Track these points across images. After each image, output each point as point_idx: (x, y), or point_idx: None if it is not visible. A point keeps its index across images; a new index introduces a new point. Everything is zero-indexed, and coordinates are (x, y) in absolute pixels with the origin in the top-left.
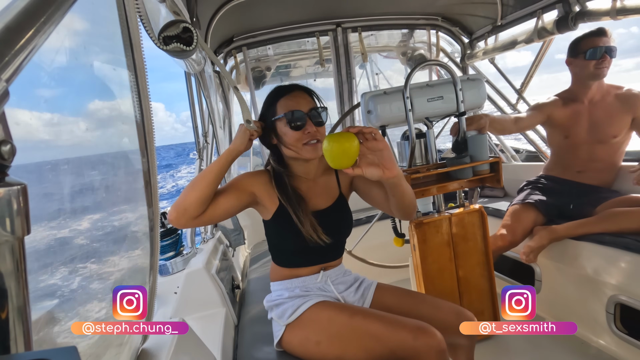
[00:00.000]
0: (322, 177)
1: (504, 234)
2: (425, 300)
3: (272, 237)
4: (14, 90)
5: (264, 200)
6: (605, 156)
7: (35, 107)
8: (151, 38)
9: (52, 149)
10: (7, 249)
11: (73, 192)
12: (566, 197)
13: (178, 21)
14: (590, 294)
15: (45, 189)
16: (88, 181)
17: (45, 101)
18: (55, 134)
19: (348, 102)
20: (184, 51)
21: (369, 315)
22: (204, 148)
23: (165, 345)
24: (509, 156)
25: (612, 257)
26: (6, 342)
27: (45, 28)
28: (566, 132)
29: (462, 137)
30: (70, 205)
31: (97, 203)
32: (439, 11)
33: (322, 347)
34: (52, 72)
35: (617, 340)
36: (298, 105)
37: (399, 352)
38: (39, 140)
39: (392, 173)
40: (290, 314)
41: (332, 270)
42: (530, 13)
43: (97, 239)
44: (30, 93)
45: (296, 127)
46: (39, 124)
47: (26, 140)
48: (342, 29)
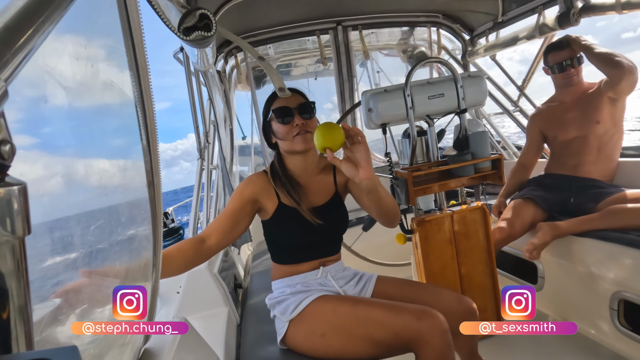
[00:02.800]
0: (320, 175)
1: (502, 227)
2: (426, 288)
3: (271, 235)
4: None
5: (264, 202)
6: (596, 145)
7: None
8: (172, 31)
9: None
10: (7, 248)
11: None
12: (566, 192)
13: (193, 9)
14: (593, 290)
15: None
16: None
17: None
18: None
19: (349, 100)
20: (206, 38)
21: (371, 303)
22: (205, 148)
23: (168, 345)
24: (511, 153)
25: (615, 253)
26: (8, 341)
27: (44, 27)
28: (554, 133)
29: (464, 134)
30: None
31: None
32: (440, 8)
33: (327, 339)
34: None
35: (621, 336)
36: (287, 103)
37: (403, 334)
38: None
39: (366, 174)
40: (293, 310)
41: (331, 265)
42: (531, 9)
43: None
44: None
45: (285, 122)
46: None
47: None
48: (342, 27)
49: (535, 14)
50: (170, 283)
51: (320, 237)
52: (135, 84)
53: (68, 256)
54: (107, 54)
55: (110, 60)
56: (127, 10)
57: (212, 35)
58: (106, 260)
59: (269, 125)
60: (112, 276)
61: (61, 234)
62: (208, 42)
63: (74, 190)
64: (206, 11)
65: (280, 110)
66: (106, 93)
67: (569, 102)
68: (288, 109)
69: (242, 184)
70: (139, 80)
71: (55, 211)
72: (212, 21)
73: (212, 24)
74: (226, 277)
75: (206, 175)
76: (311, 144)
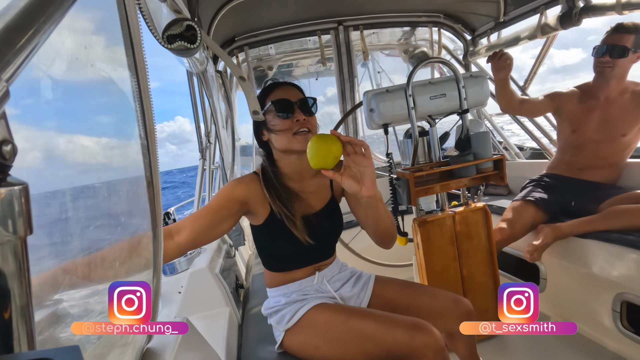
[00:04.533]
0: (315, 179)
1: (502, 228)
2: (424, 290)
3: (262, 242)
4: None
5: (255, 208)
6: (610, 155)
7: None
8: (155, 37)
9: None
10: (9, 249)
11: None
12: (568, 194)
13: (181, 19)
14: (595, 292)
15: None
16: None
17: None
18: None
19: (350, 100)
20: (188, 49)
21: (365, 317)
22: (206, 148)
23: (170, 345)
24: (513, 154)
25: (617, 254)
26: (9, 341)
27: (46, 28)
28: (574, 127)
29: (466, 134)
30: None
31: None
32: (441, 8)
33: (321, 351)
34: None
35: (623, 338)
36: (286, 95)
37: (396, 352)
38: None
39: (368, 192)
40: (288, 320)
41: (327, 269)
42: (533, 9)
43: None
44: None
45: (285, 116)
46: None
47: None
48: (343, 27)
49: (537, 14)
50: (172, 283)
51: (314, 245)
52: (134, 84)
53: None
54: (106, 52)
55: (108, 59)
56: (126, 10)
57: (196, 48)
58: (105, 261)
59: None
60: (112, 278)
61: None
62: (191, 53)
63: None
64: (193, 24)
65: (280, 103)
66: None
67: (602, 100)
68: (289, 102)
69: (234, 182)
70: (138, 81)
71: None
72: (198, 34)
73: (197, 37)
74: (227, 277)
75: (208, 175)
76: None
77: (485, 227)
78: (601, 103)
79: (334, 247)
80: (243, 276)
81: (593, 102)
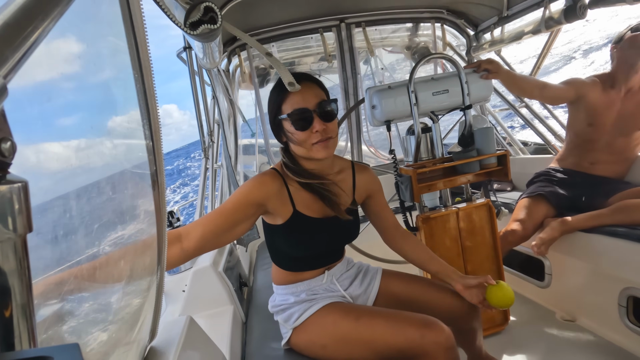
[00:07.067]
0: (337, 177)
1: (514, 230)
2: (431, 284)
3: (277, 241)
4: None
5: (276, 208)
6: (624, 149)
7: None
8: (179, 27)
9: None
10: (9, 246)
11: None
12: (579, 189)
13: (197, 3)
14: (602, 287)
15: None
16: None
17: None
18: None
19: (353, 97)
20: (212, 31)
21: (374, 316)
22: (209, 147)
23: (174, 343)
24: (517, 149)
25: (625, 249)
26: (10, 339)
27: (44, 24)
28: (592, 120)
29: (469, 130)
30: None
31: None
32: (444, 4)
33: (328, 350)
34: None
35: (630, 333)
36: (304, 102)
37: (407, 351)
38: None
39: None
40: (296, 319)
41: (335, 267)
42: (537, 3)
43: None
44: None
45: (303, 127)
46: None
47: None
48: (345, 24)
49: (540, 8)
50: (175, 282)
51: (330, 249)
52: (139, 84)
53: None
54: (110, 53)
55: (113, 61)
56: (129, 10)
57: (219, 28)
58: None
59: (279, 123)
60: (116, 277)
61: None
62: (215, 35)
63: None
64: (210, 3)
65: (296, 114)
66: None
67: (623, 92)
68: (305, 113)
69: (252, 183)
70: (143, 81)
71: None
72: (217, 13)
73: (217, 17)
74: (231, 275)
75: (211, 175)
76: (332, 150)
77: (490, 223)
78: (621, 96)
79: (344, 248)
80: (247, 274)
81: (614, 95)
